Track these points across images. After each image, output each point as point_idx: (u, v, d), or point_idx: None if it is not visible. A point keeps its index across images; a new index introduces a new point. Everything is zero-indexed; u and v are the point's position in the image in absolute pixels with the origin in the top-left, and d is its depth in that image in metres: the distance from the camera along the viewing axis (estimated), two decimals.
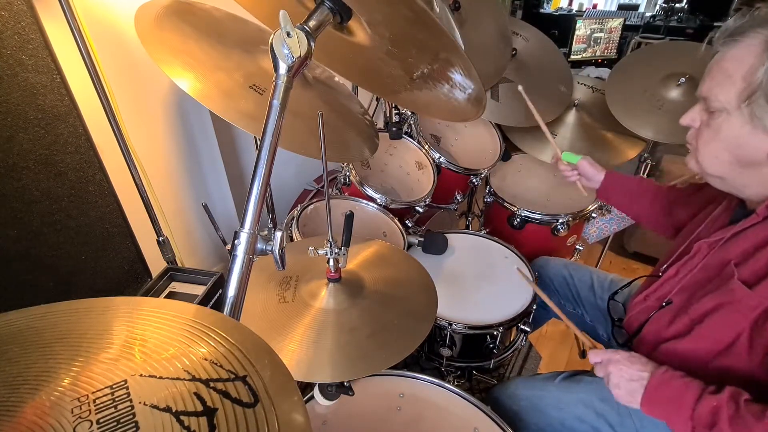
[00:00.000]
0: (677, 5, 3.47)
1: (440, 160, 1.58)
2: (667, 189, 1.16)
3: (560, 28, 3.41)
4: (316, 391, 0.84)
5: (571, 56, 3.06)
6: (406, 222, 1.42)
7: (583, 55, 3.11)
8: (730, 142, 0.73)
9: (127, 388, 0.36)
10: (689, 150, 0.83)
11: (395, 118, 1.75)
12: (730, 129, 0.72)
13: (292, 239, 1.19)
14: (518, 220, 1.60)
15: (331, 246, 0.80)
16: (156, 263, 1.25)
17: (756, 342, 0.73)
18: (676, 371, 0.77)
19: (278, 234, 0.60)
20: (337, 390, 0.83)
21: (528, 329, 1.19)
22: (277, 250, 0.60)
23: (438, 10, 0.74)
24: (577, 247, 1.71)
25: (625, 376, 0.79)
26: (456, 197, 1.71)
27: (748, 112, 0.68)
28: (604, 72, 2.87)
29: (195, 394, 0.35)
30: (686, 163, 0.84)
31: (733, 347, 0.76)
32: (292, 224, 1.22)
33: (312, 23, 0.66)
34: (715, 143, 0.75)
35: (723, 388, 0.71)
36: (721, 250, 0.81)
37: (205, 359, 0.39)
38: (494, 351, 1.15)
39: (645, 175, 1.78)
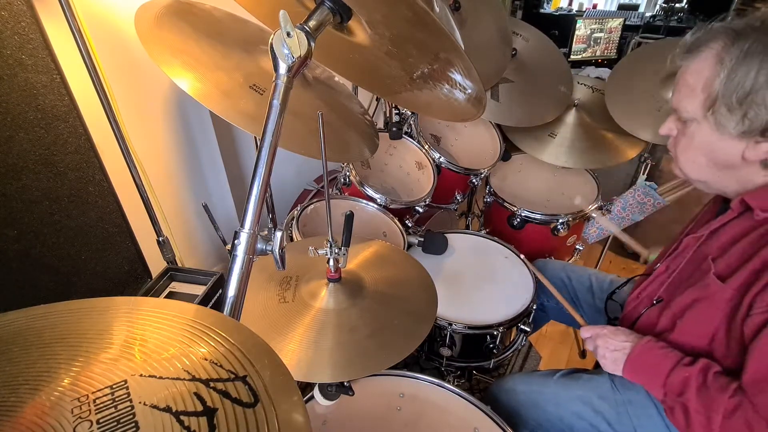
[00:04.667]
0: (677, 5, 3.46)
1: (440, 160, 1.58)
2: None
3: (560, 28, 3.40)
4: (316, 391, 0.84)
5: (571, 56, 3.06)
6: (406, 222, 1.42)
7: (583, 55, 3.10)
8: (703, 147, 0.77)
9: (127, 388, 0.36)
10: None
11: (395, 118, 1.75)
12: (702, 136, 0.76)
13: (292, 239, 1.19)
14: (518, 220, 1.60)
15: (331, 246, 0.80)
16: (156, 263, 1.25)
17: (731, 336, 0.75)
18: (658, 342, 0.83)
19: (278, 234, 0.60)
20: (337, 390, 0.82)
21: (528, 329, 1.19)
22: (277, 250, 0.60)
23: (438, 10, 0.74)
24: (577, 247, 1.70)
25: (610, 347, 0.87)
26: (456, 197, 1.70)
27: (713, 120, 0.73)
28: (604, 72, 2.86)
29: (195, 394, 0.35)
30: (673, 170, 0.88)
31: (713, 344, 0.77)
32: (292, 224, 1.22)
33: (312, 23, 0.66)
34: (691, 150, 0.79)
35: (697, 360, 0.76)
36: (704, 246, 0.84)
37: (205, 359, 0.38)
38: (494, 351, 1.15)
39: (645, 175, 1.77)
